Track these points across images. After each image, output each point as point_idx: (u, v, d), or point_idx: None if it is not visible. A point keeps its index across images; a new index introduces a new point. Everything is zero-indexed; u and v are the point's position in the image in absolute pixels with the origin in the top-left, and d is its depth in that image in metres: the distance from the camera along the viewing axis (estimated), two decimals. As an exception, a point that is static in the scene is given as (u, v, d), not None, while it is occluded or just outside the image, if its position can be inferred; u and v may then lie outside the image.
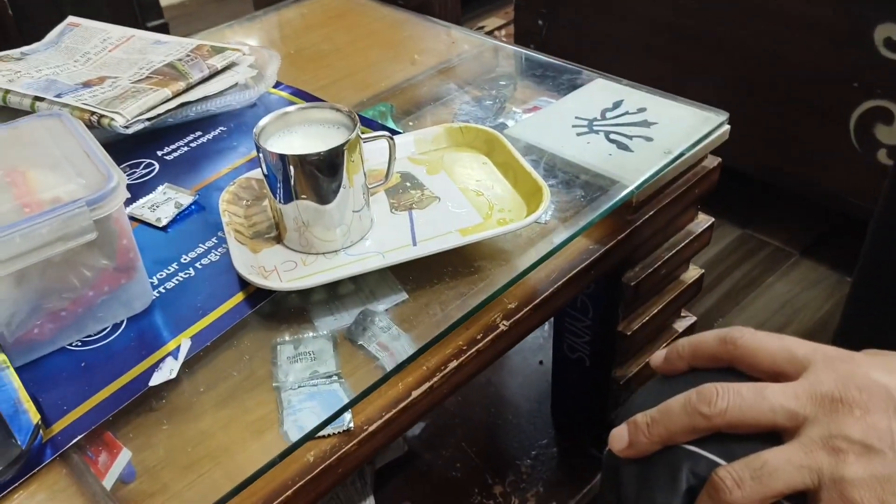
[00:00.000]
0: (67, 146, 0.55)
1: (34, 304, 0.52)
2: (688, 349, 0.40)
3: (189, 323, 0.57)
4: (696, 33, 1.36)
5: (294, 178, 0.58)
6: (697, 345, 0.40)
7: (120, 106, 0.72)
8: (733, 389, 0.36)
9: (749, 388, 0.36)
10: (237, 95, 0.81)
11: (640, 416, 0.38)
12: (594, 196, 0.67)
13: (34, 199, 0.50)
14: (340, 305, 0.61)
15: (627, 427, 0.38)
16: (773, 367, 0.37)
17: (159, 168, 0.75)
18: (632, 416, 0.39)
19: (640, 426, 0.38)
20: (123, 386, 0.52)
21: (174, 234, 0.66)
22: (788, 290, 1.31)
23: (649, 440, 0.37)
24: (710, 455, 0.36)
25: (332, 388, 0.55)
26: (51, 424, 0.50)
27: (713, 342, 0.39)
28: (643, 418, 0.38)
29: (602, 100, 0.80)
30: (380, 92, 0.87)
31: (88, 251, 0.52)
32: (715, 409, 0.36)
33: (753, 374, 0.38)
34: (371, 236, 0.63)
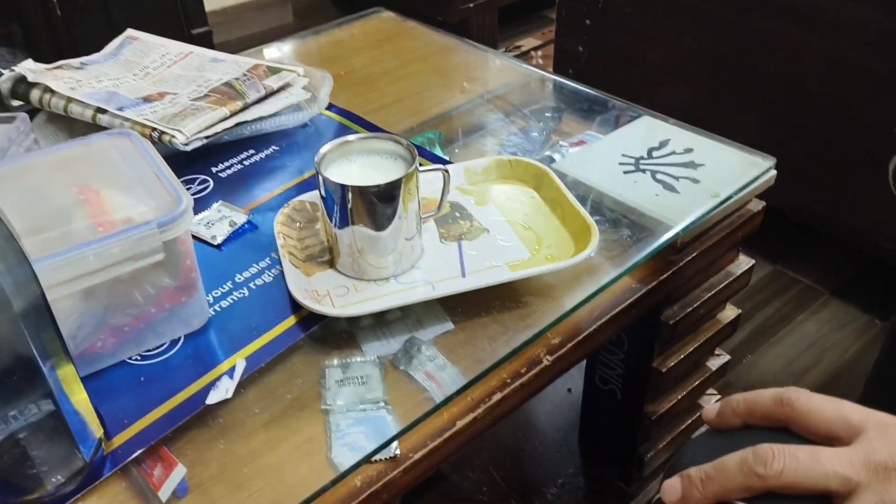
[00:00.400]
0: (138, 166, 0.57)
1: (99, 319, 0.54)
2: (743, 406, 0.41)
3: (244, 343, 0.58)
4: (739, 69, 1.37)
5: (352, 206, 0.60)
6: (753, 403, 0.40)
7: (180, 123, 0.74)
8: (789, 452, 0.37)
9: (804, 452, 0.37)
10: (291, 116, 0.82)
11: (695, 470, 0.39)
12: (640, 236, 0.68)
13: (107, 219, 0.52)
14: (388, 332, 0.62)
15: (681, 480, 0.39)
16: (827, 430, 0.38)
17: (213, 185, 0.77)
18: (683, 468, 0.40)
19: (694, 481, 0.39)
20: (181, 403, 0.54)
21: (228, 252, 0.68)
22: (818, 330, 1.31)
23: (702, 495, 0.38)
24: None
25: (379, 415, 0.56)
26: (111, 437, 0.51)
27: (769, 402, 0.40)
28: (697, 473, 0.39)
29: (649, 138, 0.81)
30: (428, 119, 0.89)
31: (154, 270, 0.54)
32: (770, 470, 0.37)
33: (807, 436, 0.39)
34: (421, 265, 0.64)
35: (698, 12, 1.40)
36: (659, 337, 0.77)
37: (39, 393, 0.45)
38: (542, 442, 1.00)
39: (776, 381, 1.22)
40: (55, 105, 0.79)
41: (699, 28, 1.41)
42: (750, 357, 1.26)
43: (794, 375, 1.23)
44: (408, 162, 0.62)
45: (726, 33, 1.37)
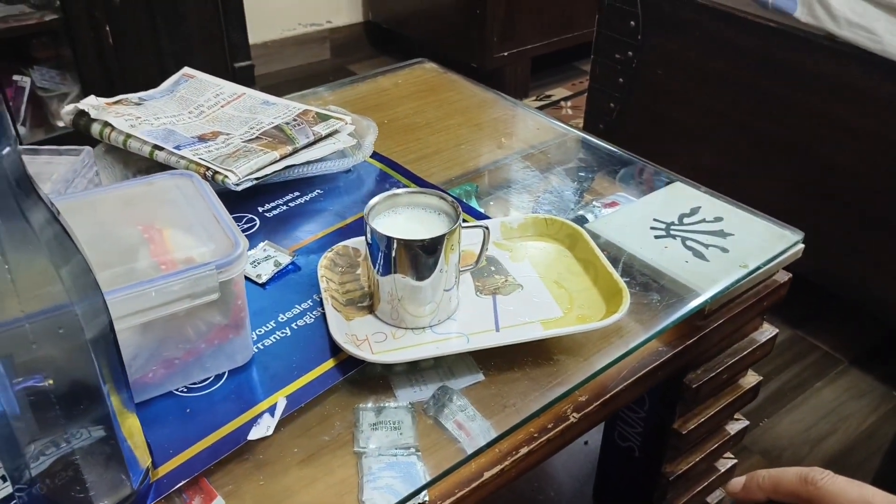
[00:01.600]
0: (198, 207, 0.60)
1: (153, 351, 0.56)
2: (768, 482, 0.43)
3: (285, 382, 0.61)
4: (765, 134, 1.40)
5: (396, 256, 0.62)
6: (778, 479, 0.42)
7: (233, 164, 0.78)
8: None
9: None
10: (336, 162, 0.86)
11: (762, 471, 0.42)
12: (670, 301, 0.71)
13: (169, 258, 0.55)
14: (420, 379, 0.64)
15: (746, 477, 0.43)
16: None
17: (259, 224, 0.80)
18: None
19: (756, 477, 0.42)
20: (224, 436, 0.56)
21: (272, 291, 0.71)
22: (835, 398, 1.32)
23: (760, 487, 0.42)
24: None
25: (410, 461, 0.58)
26: (157, 466, 0.54)
27: (794, 480, 0.42)
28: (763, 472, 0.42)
29: (680, 204, 0.84)
30: (466, 171, 0.92)
31: (208, 308, 0.57)
32: None
33: None
34: (457, 316, 0.67)
35: (727, 78, 1.43)
36: (681, 399, 0.79)
37: (99, 418, 0.48)
38: (557, 492, 1.01)
39: (792, 447, 1.23)
40: (115, 139, 0.83)
41: (728, 93, 1.44)
42: (766, 421, 1.27)
43: (810, 443, 1.23)
44: (451, 218, 0.65)
45: (754, 99, 1.40)
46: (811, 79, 1.30)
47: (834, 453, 1.21)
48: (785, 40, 1.32)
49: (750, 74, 1.39)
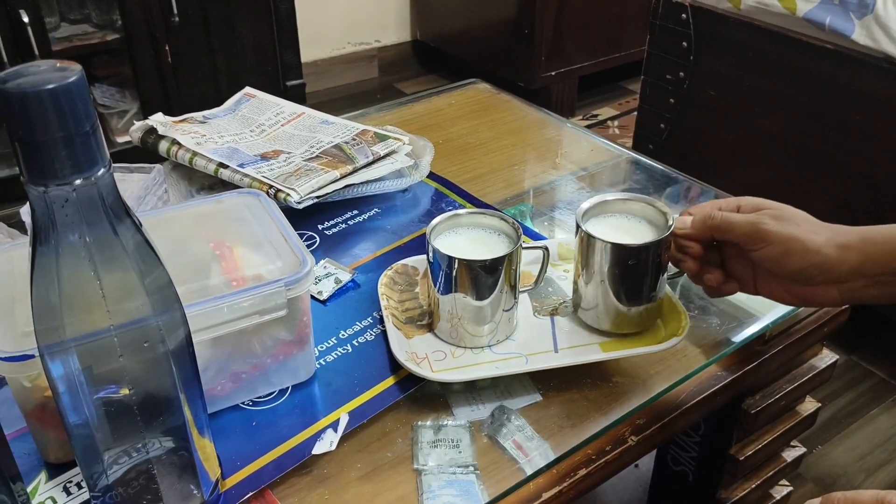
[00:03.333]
0: (266, 225, 0.62)
1: (222, 365, 0.58)
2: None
3: (347, 398, 0.62)
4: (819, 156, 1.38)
5: (457, 275, 0.63)
6: (855, 501, 0.42)
7: (295, 183, 0.80)
8: None
9: None
10: (394, 181, 0.87)
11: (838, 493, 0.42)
12: (729, 326, 0.70)
13: (240, 275, 0.56)
14: (478, 397, 0.65)
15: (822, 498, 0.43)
16: None
17: (319, 241, 0.82)
18: None
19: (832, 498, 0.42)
20: (289, 451, 0.57)
21: (333, 308, 0.72)
22: (891, 426, 1.29)
23: None
24: None
25: (468, 479, 0.59)
26: (225, 478, 0.55)
27: (869, 502, 0.41)
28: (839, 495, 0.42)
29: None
30: (521, 192, 0.93)
31: (275, 324, 0.58)
32: None
33: None
34: (516, 336, 0.68)
35: (780, 98, 1.42)
36: (738, 424, 0.78)
37: (174, 428, 0.49)
38: (607, 516, 1.00)
39: (846, 474, 1.20)
40: (181, 157, 0.85)
41: (780, 114, 1.43)
42: (820, 448, 1.24)
43: (866, 471, 1.20)
44: (511, 239, 0.66)
45: (807, 120, 1.39)
46: (866, 101, 1.28)
47: (891, 481, 1.18)
48: (841, 62, 1.31)
49: (803, 96, 1.38)
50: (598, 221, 0.67)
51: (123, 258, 0.43)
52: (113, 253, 0.43)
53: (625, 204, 0.68)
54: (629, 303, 0.65)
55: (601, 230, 0.65)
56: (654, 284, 0.65)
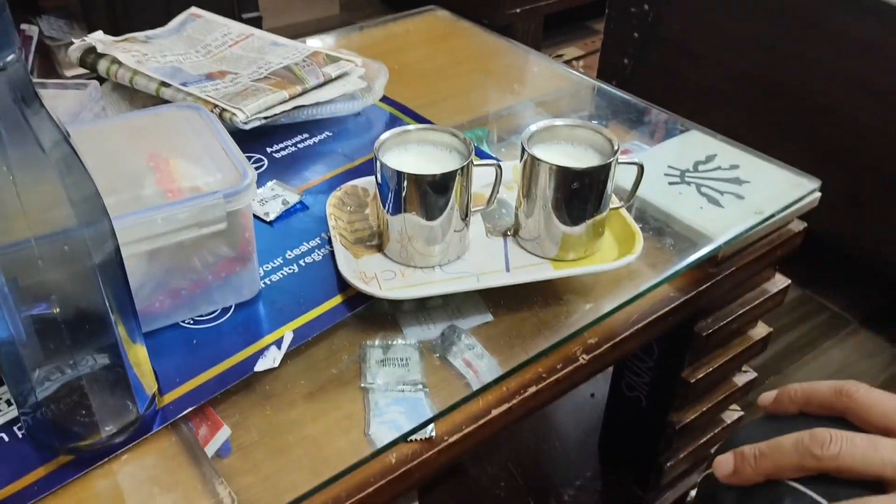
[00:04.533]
0: (205, 139, 0.59)
1: (159, 281, 0.56)
2: (801, 394, 0.42)
3: (292, 316, 0.60)
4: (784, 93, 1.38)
5: (406, 193, 0.61)
6: (811, 391, 0.42)
7: (241, 102, 0.77)
8: (847, 437, 0.38)
9: (862, 438, 0.38)
10: (346, 104, 0.85)
11: (749, 447, 0.40)
12: (682, 247, 0.70)
13: (175, 187, 0.54)
14: (428, 318, 0.64)
15: (734, 456, 0.41)
16: (885, 422, 0.39)
17: (268, 164, 0.79)
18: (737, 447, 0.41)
19: (747, 457, 0.40)
20: (231, 367, 0.56)
21: (280, 229, 0.70)
22: (844, 358, 1.31)
23: (754, 471, 0.40)
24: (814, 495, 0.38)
25: (417, 396, 0.58)
26: (164, 393, 0.54)
27: (828, 391, 0.41)
28: (751, 450, 0.40)
29: (695, 152, 0.82)
30: (478, 117, 0.90)
31: (215, 239, 0.56)
32: (827, 452, 0.38)
33: (864, 428, 0.40)
34: (467, 257, 0.66)
35: (747, 35, 1.40)
36: (690, 348, 0.78)
37: (106, 343, 0.47)
38: (562, 443, 1.01)
39: (798, 405, 1.22)
40: (121, 76, 0.81)
41: (746, 51, 1.41)
42: (774, 378, 1.26)
43: (817, 401, 1.23)
44: (463, 155, 0.64)
45: (774, 57, 1.37)
46: (837, 38, 1.27)
47: (840, 412, 1.21)
48: None
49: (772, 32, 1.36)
50: (544, 147, 0.66)
51: (42, 161, 0.40)
52: (31, 155, 0.40)
53: (572, 131, 0.67)
54: (572, 225, 0.63)
55: (547, 155, 0.63)
56: (595, 210, 0.63)
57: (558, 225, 0.64)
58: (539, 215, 0.64)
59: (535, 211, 0.64)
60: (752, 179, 0.77)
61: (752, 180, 0.77)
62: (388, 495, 0.55)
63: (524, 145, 0.63)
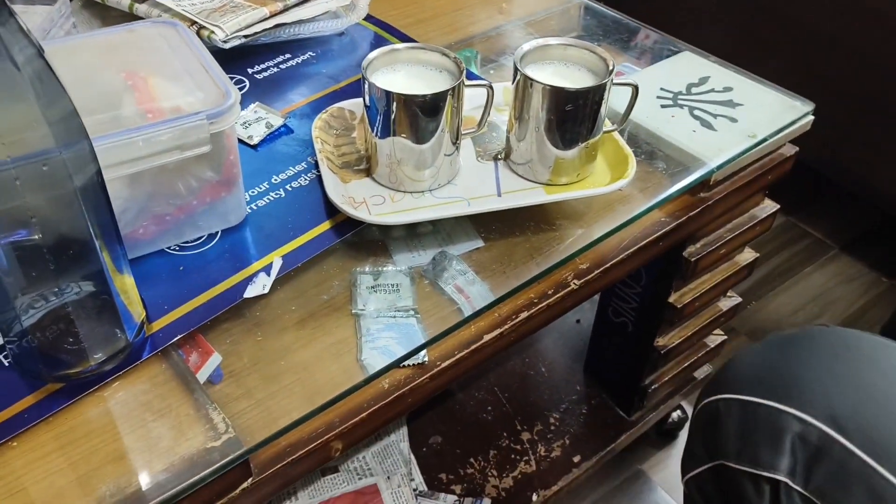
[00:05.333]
0: (185, 57, 0.57)
1: (142, 206, 0.54)
2: None
3: (280, 242, 0.59)
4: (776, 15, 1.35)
5: (395, 116, 0.59)
6: None
7: (220, 19, 0.73)
8: None
9: None
10: (329, 23, 0.81)
11: None
12: (675, 171, 0.69)
13: (156, 107, 0.52)
14: (419, 244, 0.63)
15: None
16: None
17: (249, 85, 0.76)
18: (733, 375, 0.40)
19: None
20: (219, 294, 0.55)
21: (265, 153, 0.68)
22: (824, 283, 1.33)
23: None
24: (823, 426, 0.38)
25: (409, 322, 0.58)
26: (152, 321, 0.53)
27: None
28: None
29: (688, 74, 0.80)
30: (466, 37, 0.88)
31: (199, 162, 0.54)
32: None
33: None
34: (458, 181, 0.65)
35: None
36: (678, 273, 0.79)
37: (91, 270, 0.46)
38: (548, 369, 1.02)
39: (778, 328, 1.24)
40: (92, -9, 0.77)
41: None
42: (755, 303, 1.28)
43: (797, 325, 1.25)
44: (454, 76, 0.62)
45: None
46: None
47: (819, 335, 1.23)
48: None
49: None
50: (537, 68, 0.64)
51: (15, 78, 0.38)
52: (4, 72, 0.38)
53: (565, 50, 0.65)
54: (565, 148, 0.62)
55: (540, 76, 0.61)
56: (589, 133, 0.62)
57: (551, 148, 0.62)
58: (531, 138, 0.63)
59: (528, 134, 0.63)
60: (746, 102, 0.76)
61: (746, 103, 0.76)
62: (381, 420, 0.55)
63: (517, 65, 0.61)
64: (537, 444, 0.94)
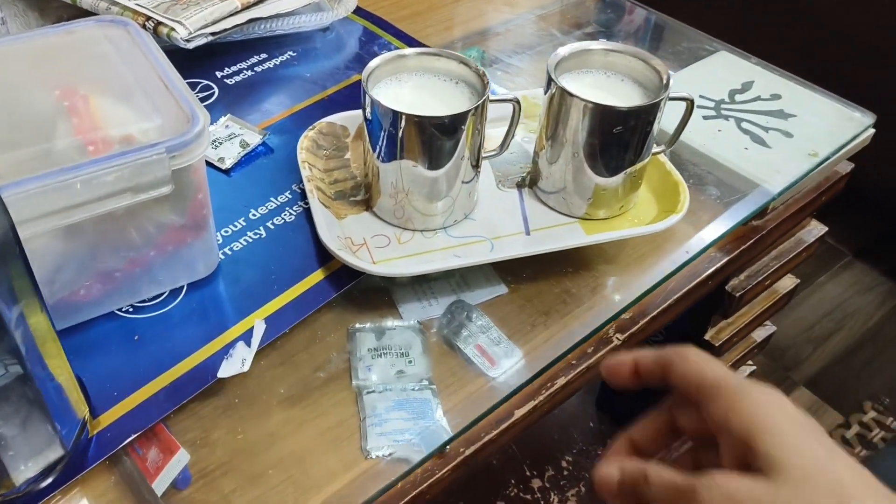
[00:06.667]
0: (138, 67, 0.44)
1: (84, 262, 0.42)
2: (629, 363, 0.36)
3: (262, 299, 0.47)
4: (788, 4, 1.25)
5: (403, 136, 0.48)
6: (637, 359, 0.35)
7: (181, 14, 0.61)
8: None
9: None
10: (312, 16, 0.69)
11: None
12: (729, 198, 0.58)
13: (100, 136, 0.40)
14: (429, 291, 0.52)
15: None
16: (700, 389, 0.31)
17: (219, 93, 0.64)
18: None
19: None
20: (186, 373, 0.43)
21: (240, 180, 0.56)
22: (840, 294, 1.24)
23: None
24: None
25: (423, 397, 0.47)
26: (98, 414, 0.41)
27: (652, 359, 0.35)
28: None
29: (729, 78, 0.70)
30: (468, 33, 0.76)
31: (158, 205, 0.42)
32: None
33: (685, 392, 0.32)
34: (476, 215, 0.54)
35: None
36: (719, 308, 0.69)
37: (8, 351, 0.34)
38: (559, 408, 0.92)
39: (795, 346, 1.16)
40: (25, -23, 0.64)
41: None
42: (769, 319, 1.19)
43: (814, 342, 1.16)
44: (473, 90, 0.50)
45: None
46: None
47: (839, 352, 1.15)
48: None
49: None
50: (573, 78, 0.53)
51: None
52: None
53: (606, 57, 0.53)
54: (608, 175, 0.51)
55: (579, 88, 0.50)
56: (637, 157, 0.51)
57: (591, 176, 0.51)
58: (566, 163, 0.52)
59: (562, 158, 0.52)
60: (798, 112, 0.66)
61: (799, 113, 0.66)
62: (392, 525, 0.44)
63: (551, 75, 0.50)
64: (550, 493, 0.83)
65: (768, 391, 0.30)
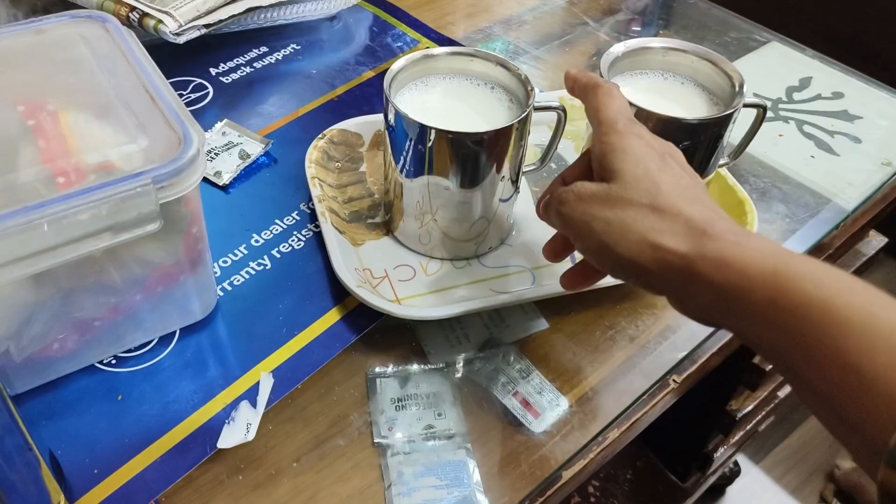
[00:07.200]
0: (120, 76, 0.37)
1: (57, 312, 0.35)
2: None
3: (269, 346, 0.40)
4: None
5: (433, 152, 0.41)
6: None
7: (171, 4, 0.53)
8: None
9: None
10: (317, 4, 0.62)
11: None
12: (800, 216, 0.51)
13: (72, 164, 0.32)
14: (458, 327, 0.45)
15: None
16: None
17: (213, 93, 0.57)
18: None
19: None
20: (180, 442, 0.36)
21: (240, 198, 0.49)
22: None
23: None
24: None
25: (457, 458, 0.40)
26: (75, 499, 0.34)
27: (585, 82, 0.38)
28: None
29: (785, 74, 0.63)
30: (493, 22, 0.68)
31: (144, 243, 0.35)
32: None
33: None
34: (513, 241, 0.47)
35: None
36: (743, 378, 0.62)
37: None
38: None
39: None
40: (-8, -39, 0.56)
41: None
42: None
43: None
44: (513, 96, 0.43)
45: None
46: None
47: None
48: None
49: None
50: (627, 81, 0.46)
51: None
52: None
53: (665, 56, 0.46)
54: None
55: (634, 94, 0.43)
56: (702, 173, 0.44)
57: None
58: None
59: None
60: (864, 114, 0.59)
61: (864, 115, 0.59)
62: None
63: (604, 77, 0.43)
64: (576, 522, 0.77)
65: (642, 133, 0.36)
